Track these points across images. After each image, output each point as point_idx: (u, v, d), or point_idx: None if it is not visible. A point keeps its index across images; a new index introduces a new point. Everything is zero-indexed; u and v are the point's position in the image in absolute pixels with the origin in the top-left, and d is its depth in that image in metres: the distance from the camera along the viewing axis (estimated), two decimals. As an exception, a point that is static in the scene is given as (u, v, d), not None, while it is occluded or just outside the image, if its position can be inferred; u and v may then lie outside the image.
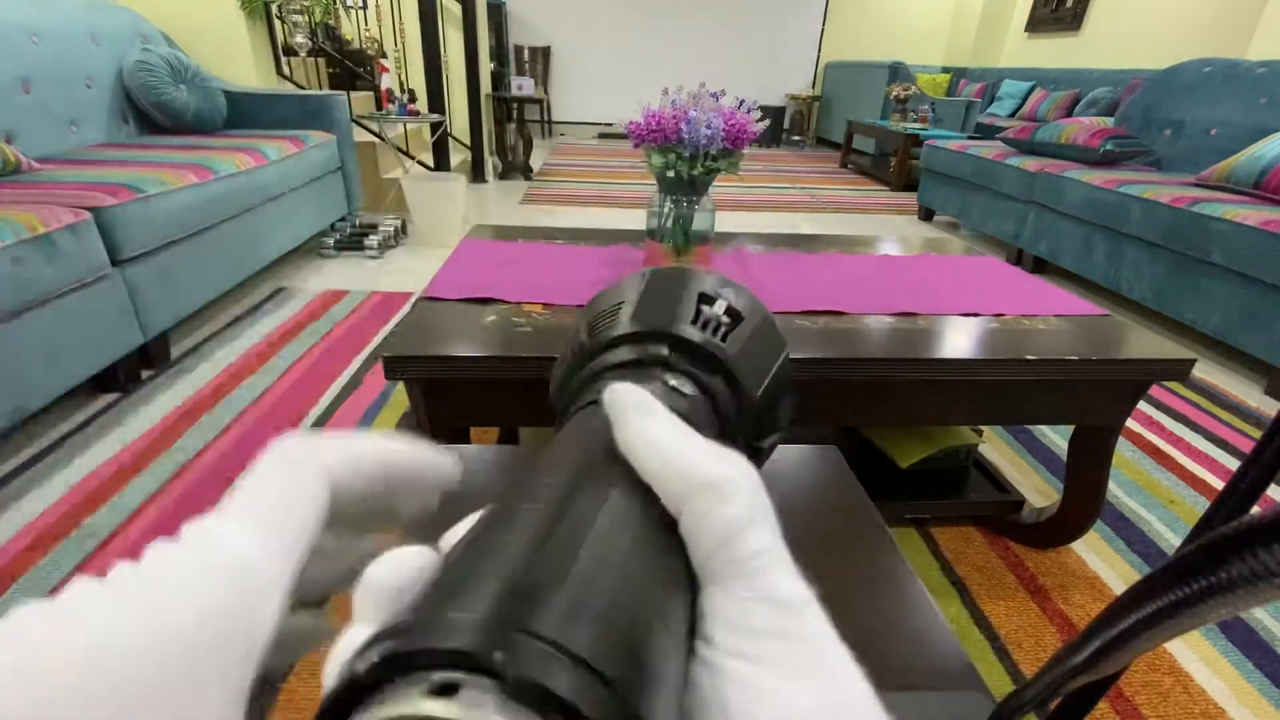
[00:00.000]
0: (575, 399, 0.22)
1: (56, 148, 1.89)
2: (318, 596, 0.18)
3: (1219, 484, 1.36)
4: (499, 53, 5.47)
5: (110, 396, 1.46)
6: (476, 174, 3.97)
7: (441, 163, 3.45)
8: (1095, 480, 1.04)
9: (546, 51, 6.09)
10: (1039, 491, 1.30)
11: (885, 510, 0.61)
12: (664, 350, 0.22)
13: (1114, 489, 1.32)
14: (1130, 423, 1.57)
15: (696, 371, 0.21)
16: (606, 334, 0.23)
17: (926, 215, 3.66)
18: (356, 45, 3.83)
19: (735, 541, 0.13)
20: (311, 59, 3.35)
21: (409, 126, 3.56)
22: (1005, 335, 0.92)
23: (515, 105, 4.13)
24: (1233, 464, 1.43)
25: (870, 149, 5.54)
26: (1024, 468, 1.38)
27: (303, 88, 3.00)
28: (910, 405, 0.94)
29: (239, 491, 0.15)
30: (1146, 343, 0.93)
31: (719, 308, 0.24)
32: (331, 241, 2.51)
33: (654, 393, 0.18)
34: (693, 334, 0.22)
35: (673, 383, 0.21)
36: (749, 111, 0.92)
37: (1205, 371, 1.89)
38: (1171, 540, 1.18)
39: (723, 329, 0.23)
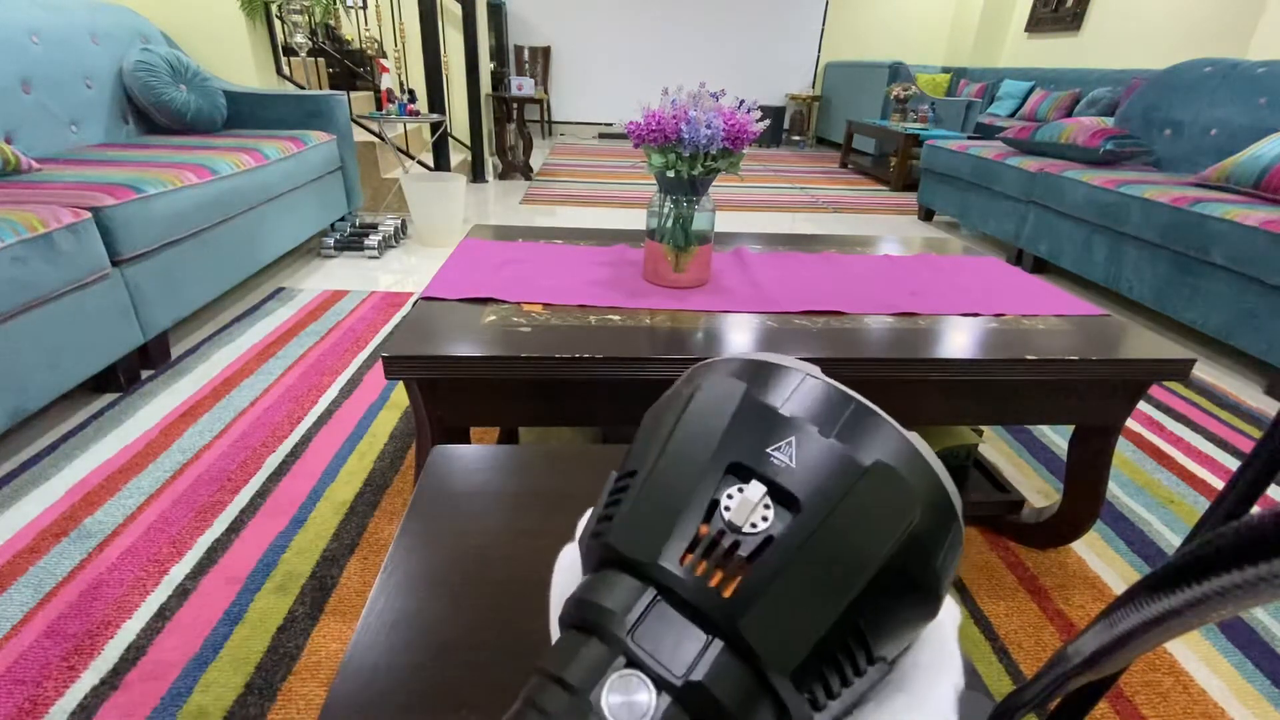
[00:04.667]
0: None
1: (56, 148, 1.89)
2: None
3: (1219, 484, 1.36)
4: (499, 53, 5.47)
5: (110, 396, 1.46)
6: (476, 174, 3.97)
7: (441, 163, 3.45)
8: (1095, 480, 1.04)
9: (546, 51, 6.09)
10: (1039, 491, 1.30)
11: (885, 510, 0.61)
12: (602, 643, 0.16)
13: (1114, 489, 1.32)
14: (1130, 423, 1.57)
15: (658, 668, 0.16)
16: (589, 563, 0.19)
17: (926, 215, 3.66)
18: (356, 45, 3.83)
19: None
20: (311, 59, 3.36)
21: (409, 126, 3.57)
22: (1005, 335, 0.92)
23: (515, 105, 4.13)
24: (1233, 464, 1.43)
25: (870, 149, 5.54)
26: (1024, 468, 1.38)
27: (303, 88, 3.00)
28: (910, 405, 0.94)
29: None
30: (1146, 343, 0.93)
31: (752, 497, 0.17)
32: (331, 241, 2.51)
33: None
34: (675, 580, 0.17)
35: (609, 695, 0.16)
36: (749, 111, 0.92)
37: (1205, 371, 1.89)
38: (1171, 540, 1.18)
39: (740, 555, 0.17)
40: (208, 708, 0.80)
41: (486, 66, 4.12)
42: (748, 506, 0.17)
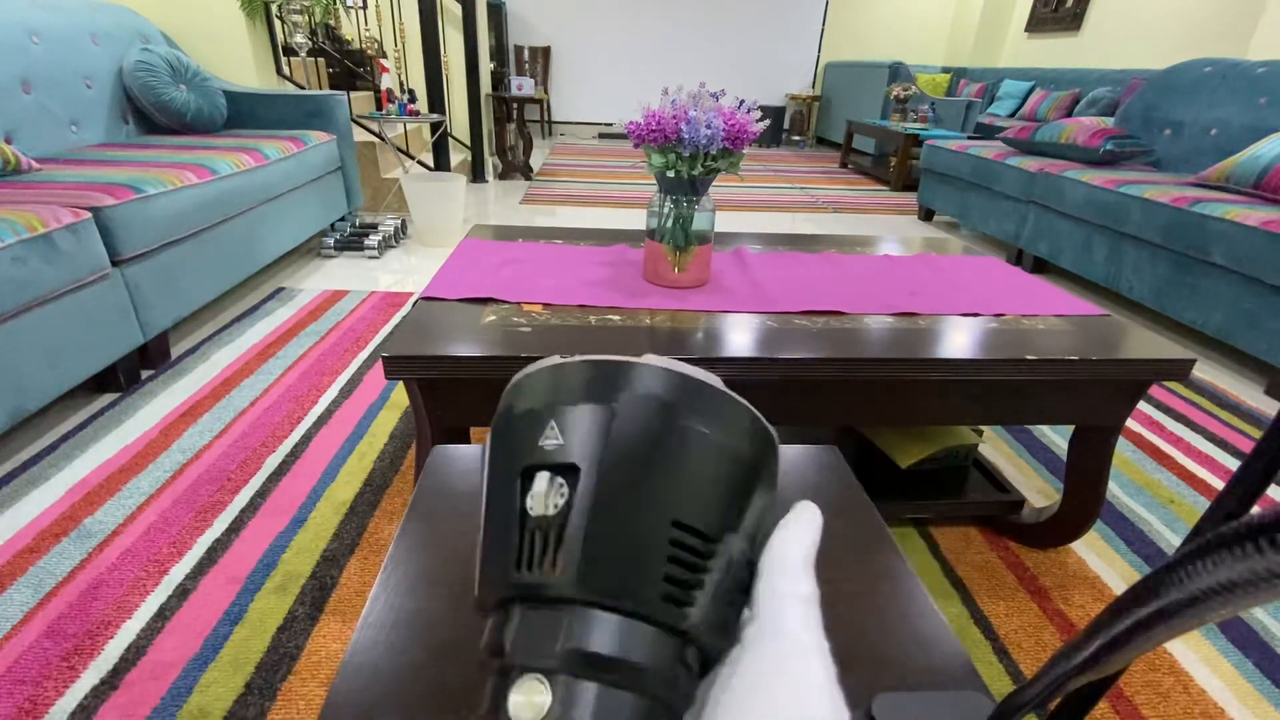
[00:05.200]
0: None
1: (56, 148, 1.89)
2: None
3: (1219, 484, 1.36)
4: (499, 53, 5.48)
5: (110, 396, 1.46)
6: (476, 174, 3.97)
7: (441, 163, 3.45)
8: (1095, 480, 1.04)
9: (546, 51, 6.09)
10: (1039, 491, 1.30)
11: (885, 510, 0.61)
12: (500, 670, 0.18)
13: (1114, 489, 1.32)
14: (1130, 423, 1.57)
15: (538, 661, 0.18)
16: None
17: (926, 215, 3.66)
18: (356, 45, 3.83)
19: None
20: (311, 59, 3.36)
21: (409, 126, 3.57)
22: (1005, 335, 0.92)
23: (515, 105, 4.13)
24: (1233, 464, 1.43)
25: (870, 149, 5.54)
26: (1024, 468, 1.38)
27: (303, 88, 3.00)
28: (910, 405, 0.94)
29: None
30: (1146, 343, 0.93)
31: (540, 487, 0.19)
32: (331, 241, 2.51)
33: None
34: (522, 587, 0.19)
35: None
36: (749, 111, 0.92)
37: (1205, 371, 1.89)
38: (1171, 540, 1.18)
39: (554, 535, 0.19)
40: (208, 708, 0.80)
41: (486, 66, 4.12)
42: (541, 496, 0.19)
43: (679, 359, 0.22)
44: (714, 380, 0.21)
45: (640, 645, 0.18)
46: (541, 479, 0.19)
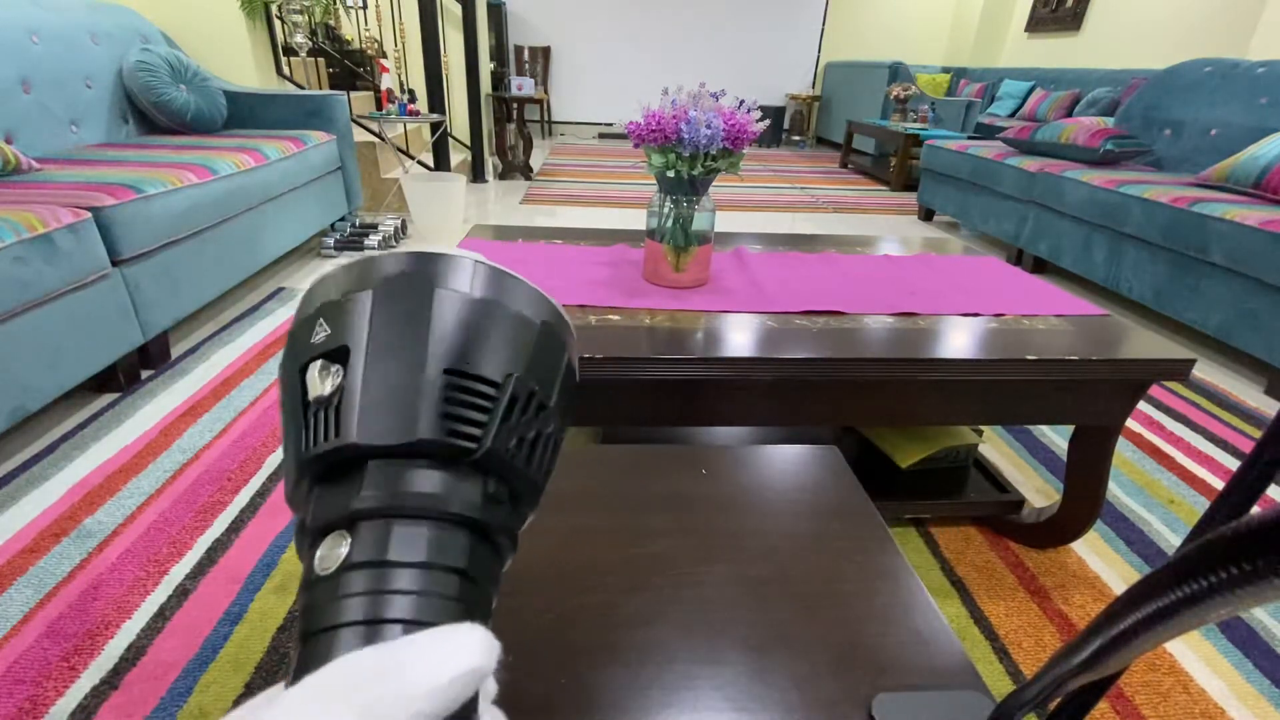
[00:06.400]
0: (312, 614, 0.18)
1: (56, 148, 1.89)
2: None
3: (1219, 484, 1.36)
4: (499, 53, 5.48)
5: (110, 396, 1.46)
6: (476, 174, 3.97)
7: (441, 163, 3.45)
8: (1095, 480, 1.04)
9: (546, 51, 6.09)
10: (1039, 491, 1.30)
11: (885, 510, 0.61)
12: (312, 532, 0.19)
13: (1114, 489, 1.32)
14: (1130, 423, 1.57)
15: (335, 519, 0.19)
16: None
17: (926, 215, 3.66)
18: (356, 45, 3.83)
19: None
20: (311, 59, 3.36)
21: (409, 126, 3.57)
22: (1005, 335, 0.92)
23: (515, 105, 4.13)
24: (1233, 464, 1.43)
25: (870, 149, 5.54)
26: (1024, 468, 1.38)
27: (303, 88, 3.00)
28: (910, 405, 0.94)
29: None
30: (1146, 343, 0.93)
31: (313, 374, 0.20)
32: (331, 241, 2.51)
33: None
34: (310, 462, 0.20)
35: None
36: (749, 111, 0.92)
37: (1205, 371, 1.89)
38: (1171, 540, 1.18)
39: (333, 402, 0.20)
40: (208, 708, 0.80)
41: (486, 66, 4.12)
42: (316, 380, 0.20)
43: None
44: (469, 253, 0.22)
45: (429, 478, 0.19)
46: (314, 366, 0.20)
